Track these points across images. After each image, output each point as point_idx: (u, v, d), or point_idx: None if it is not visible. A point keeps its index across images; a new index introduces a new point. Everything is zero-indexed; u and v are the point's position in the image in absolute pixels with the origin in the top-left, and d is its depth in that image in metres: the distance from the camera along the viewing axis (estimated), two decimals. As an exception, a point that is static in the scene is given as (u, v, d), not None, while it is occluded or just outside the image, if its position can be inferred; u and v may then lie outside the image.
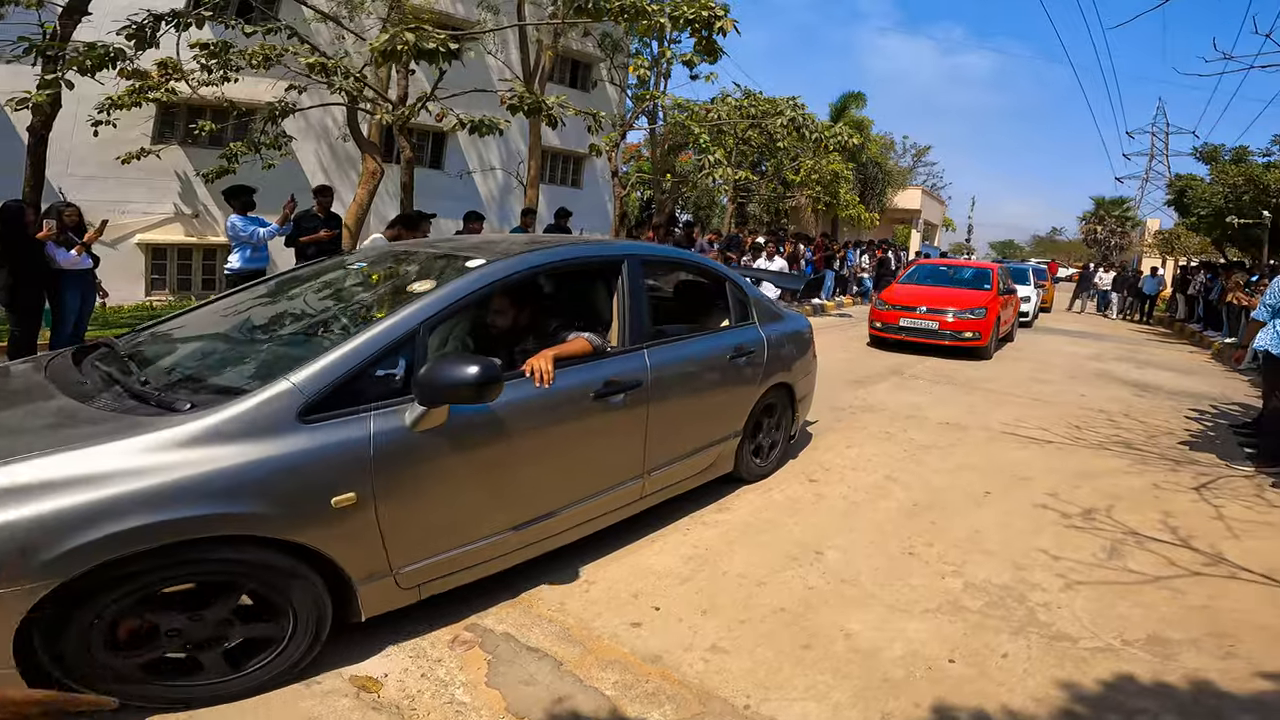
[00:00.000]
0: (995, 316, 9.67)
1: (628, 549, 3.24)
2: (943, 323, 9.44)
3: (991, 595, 2.95)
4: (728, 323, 3.98)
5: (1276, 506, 4.27)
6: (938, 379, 7.91)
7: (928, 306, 9.68)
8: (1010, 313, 11.52)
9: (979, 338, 9.35)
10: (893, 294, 10.45)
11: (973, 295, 10.09)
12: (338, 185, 14.88)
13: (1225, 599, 3.01)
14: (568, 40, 17.80)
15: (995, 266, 11.65)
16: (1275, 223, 15.29)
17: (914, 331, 9.60)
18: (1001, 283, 10.98)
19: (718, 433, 3.70)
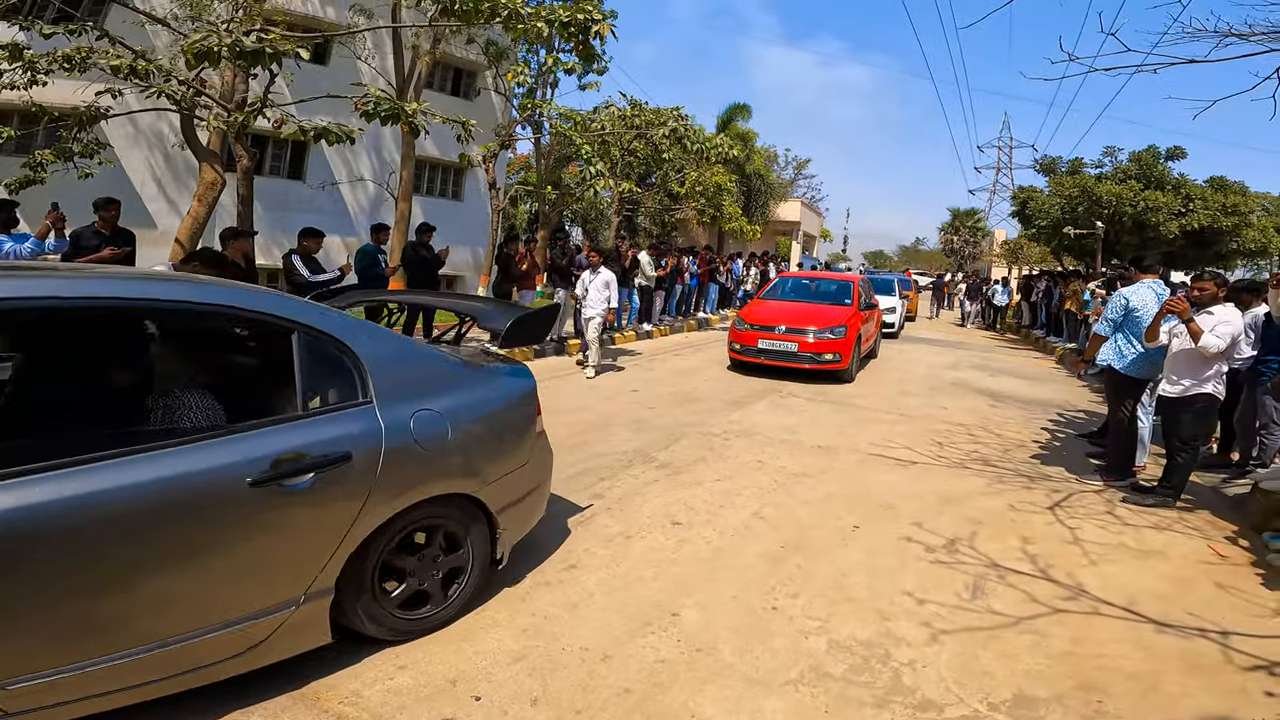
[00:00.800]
0: (856, 335, 9.01)
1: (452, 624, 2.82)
2: (802, 344, 8.70)
3: (855, 656, 2.75)
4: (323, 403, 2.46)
5: (1129, 525, 4.40)
6: (813, 396, 7.95)
7: (786, 325, 8.87)
8: (872, 328, 10.93)
9: (839, 359, 8.66)
10: (751, 312, 9.62)
11: (833, 312, 9.37)
12: (174, 197, 13.47)
13: (1089, 641, 2.95)
14: (449, 47, 17.07)
15: (857, 279, 10.99)
16: (1107, 233, 16.86)
17: (773, 354, 8.84)
18: (864, 296, 10.41)
19: (237, 606, 2.12)
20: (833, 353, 8.63)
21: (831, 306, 9.63)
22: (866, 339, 10.11)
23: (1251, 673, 2.72)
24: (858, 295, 9.94)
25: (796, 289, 10.93)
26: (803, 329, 8.76)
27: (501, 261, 9.67)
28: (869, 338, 10.46)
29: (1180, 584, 3.56)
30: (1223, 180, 16.40)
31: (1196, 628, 3.08)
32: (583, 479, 4.63)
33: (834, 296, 10.20)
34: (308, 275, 6.29)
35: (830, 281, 11.25)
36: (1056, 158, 19.90)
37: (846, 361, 8.75)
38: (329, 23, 15.08)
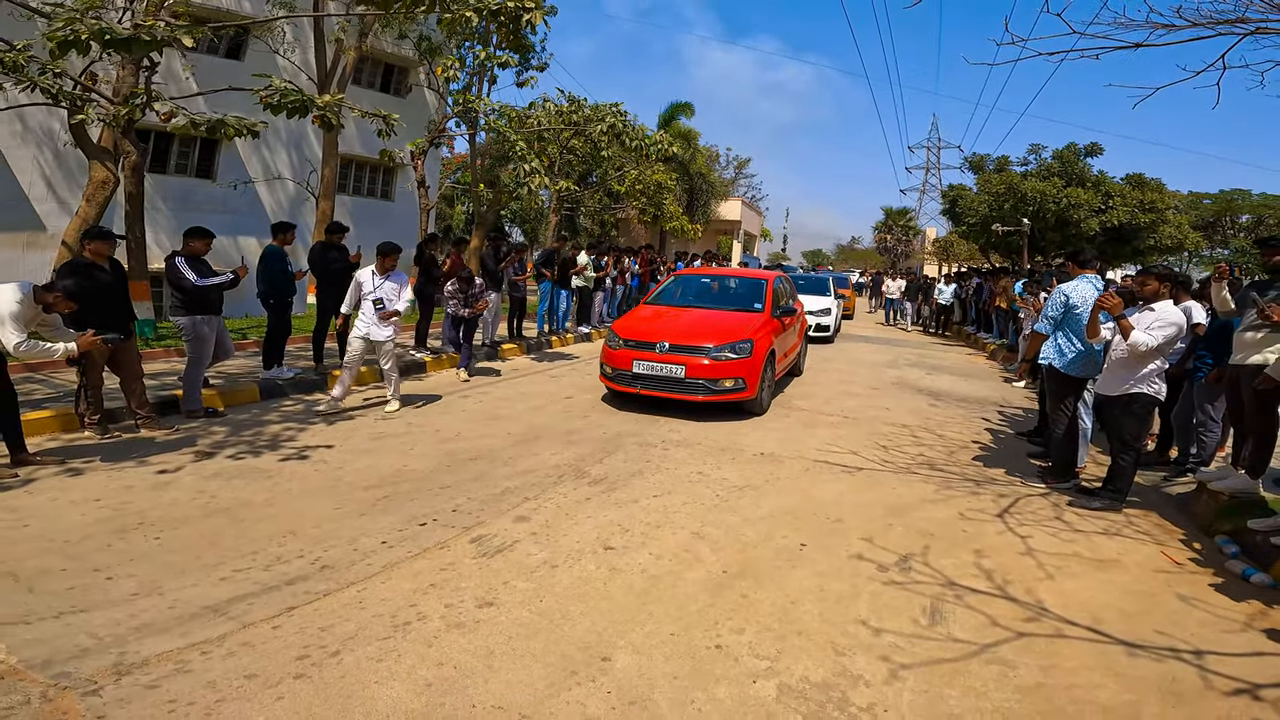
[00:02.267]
0: (767, 351, 6.87)
1: (341, 669, 2.37)
2: (692, 367, 6.46)
3: (810, 703, 2.43)
4: None
5: (1079, 531, 4.25)
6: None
7: (671, 342, 6.62)
8: (794, 338, 8.67)
9: (743, 386, 6.53)
10: (628, 324, 7.22)
11: (736, 321, 7.16)
12: (66, 198, 12.33)
13: (1059, 670, 2.71)
14: (379, 42, 16.27)
15: (771, 277, 8.56)
16: (1033, 230, 17.36)
17: (652, 381, 6.58)
18: (781, 299, 8.34)
19: None
20: (734, 378, 6.49)
21: (735, 314, 7.47)
22: (785, 354, 7.96)
23: (1234, 698, 2.53)
24: (771, 299, 7.83)
25: (693, 291, 8.56)
26: (694, 346, 6.58)
27: (422, 263, 9.07)
28: (789, 351, 8.27)
29: (1143, 598, 3.38)
30: (1140, 177, 17.09)
31: (1168, 648, 2.89)
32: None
33: (740, 301, 8.05)
34: (194, 279, 5.64)
35: (736, 281, 8.88)
36: (984, 156, 20.45)
37: (753, 389, 6.63)
38: (244, 15, 14.11)
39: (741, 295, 8.29)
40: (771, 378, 7.26)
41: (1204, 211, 32.12)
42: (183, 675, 2.30)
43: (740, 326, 7.00)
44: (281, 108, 6.91)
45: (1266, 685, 2.63)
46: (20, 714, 2.07)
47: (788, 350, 8.17)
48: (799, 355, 9.29)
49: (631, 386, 6.71)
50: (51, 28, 5.46)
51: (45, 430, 4.98)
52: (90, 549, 3.21)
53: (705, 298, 8.43)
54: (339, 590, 2.97)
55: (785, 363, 8.09)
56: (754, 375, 6.64)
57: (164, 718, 2.10)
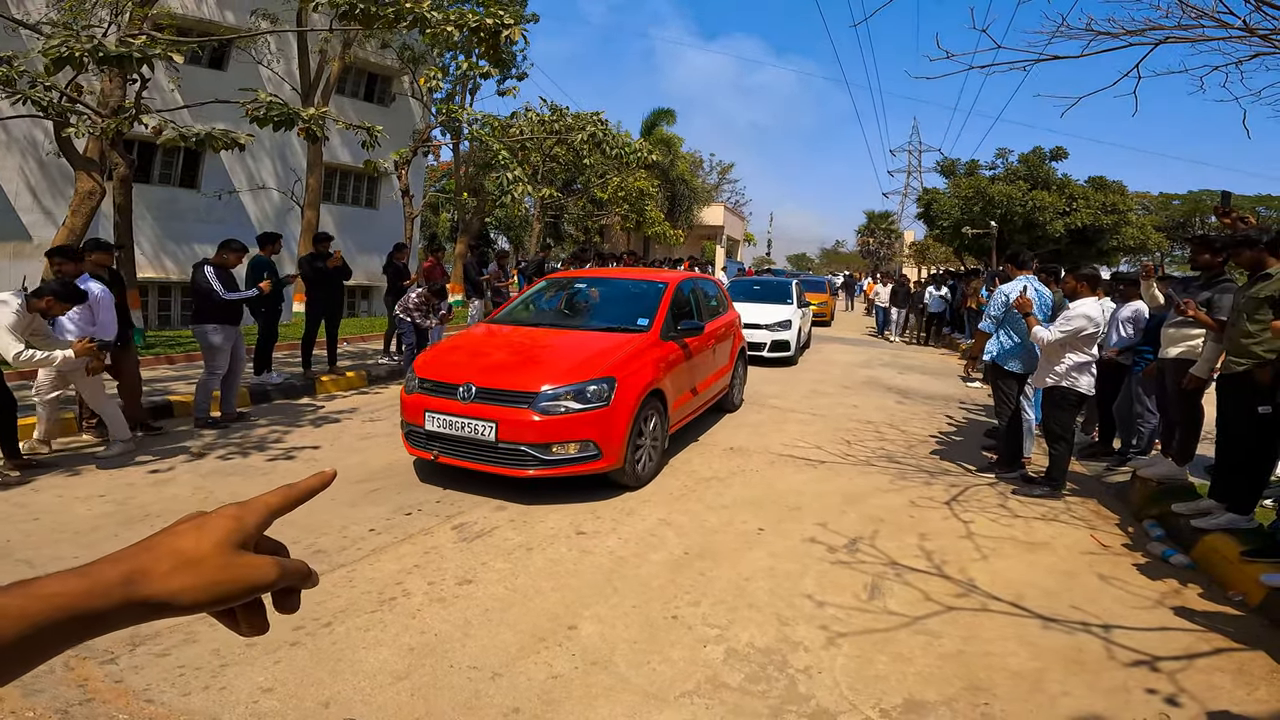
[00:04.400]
0: (643, 391, 4.67)
1: (333, 637, 2.64)
2: (508, 424, 4.26)
3: (753, 664, 2.73)
4: None
5: (1018, 517, 4.58)
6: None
7: (478, 384, 4.45)
8: (720, 363, 6.61)
9: (594, 453, 4.36)
10: (436, 354, 5.09)
11: (599, 347, 4.92)
12: (51, 207, 12.48)
13: (978, 639, 3.01)
14: (362, 52, 16.50)
15: (676, 279, 6.18)
16: (1001, 232, 17.88)
17: (452, 445, 4.45)
18: (691, 310, 6.09)
19: None
20: (579, 440, 4.31)
21: (605, 336, 5.20)
22: (694, 389, 5.79)
23: (1133, 669, 2.81)
24: (667, 312, 5.53)
25: (556, 303, 6.45)
26: (511, 391, 4.38)
27: (390, 272, 9.24)
28: (705, 383, 6.10)
29: (1065, 577, 3.69)
30: (1102, 180, 17.64)
31: (1080, 622, 3.18)
32: (487, 495, 4.47)
33: (619, 315, 5.71)
34: (222, 292, 5.82)
35: (623, 286, 6.43)
36: (955, 160, 20.98)
37: (615, 454, 4.43)
38: (227, 27, 14.31)
39: (623, 308, 5.88)
40: (663, 430, 5.04)
41: (1174, 212, 32.97)
42: (191, 644, 2.58)
43: (600, 356, 4.72)
44: (267, 121, 7.16)
45: (1165, 657, 2.89)
46: (45, 681, 2.33)
47: (701, 383, 6.00)
48: (730, 386, 7.06)
49: (427, 450, 4.50)
50: (47, 44, 5.69)
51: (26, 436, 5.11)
52: (99, 538, 3.47)
53: (572, 312, 6.22)
54: (330, 571, 3.25)
55: (696, 401, 5.91)
56: (615, 432, 4.38)
57: (175, 679, 2.37)
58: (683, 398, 5.56)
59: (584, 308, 6.33)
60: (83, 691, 2.28)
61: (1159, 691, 2.63)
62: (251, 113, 7.12)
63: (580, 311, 6.26)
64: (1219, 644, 3.00)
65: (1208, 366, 4.52)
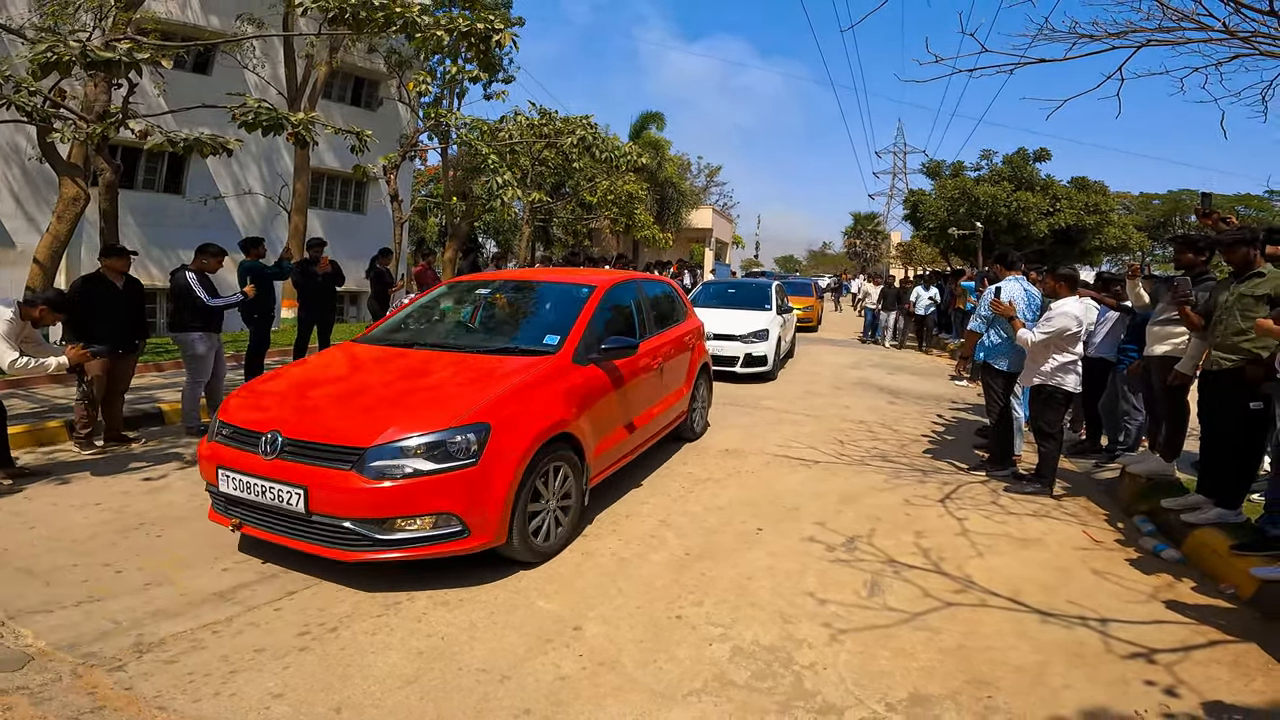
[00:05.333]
0: (538, 439, 3.45)
1: (340, 643, 2.64)
2: (322, 489, 3.06)
3: (758, 662, 2.76)
4: None
5: (1011, 514, 4.64)
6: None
7: (285, 434, 3.22)
8: (676, 385, 5.51)
9: (458, 530, 3.16)
10: (246, 392, 3.85)
11: (477, 376, 3.76)
12: (34, 214, 12.35)
13: (977, 635, 3.05)
14: (349, 56, 16.42)
15: (606, 283, 4.93)
16: (986, 233, 18.08)
17: (256, 514, 3.28)
18: (630, 324, 5.01)
19: None
20: (435, 513, 3.13)
21: (487, 362, 3.98)
22: (636, 421, 4.69)
23: (1130, 661, 2.86)
24: (585, 328, 4.31)
25: (446, 316, 5.09)
26: (327, 447, 3.16)
27: (373, 276, 9.20)
28: (650, 413, 4.95)
29: (1060, 572, 3.75)
30: (1085, 180, 17.90)
31: (1078, 616, 3.23)
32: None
33: (519, 333, 4.66)
34: (205, 299, 5.74)
35: (536, 291, 5.21)
36: (941, 161, 21.22)
37: (490, 530, 3.25)
38: (212, 31, 14.22)
39: (530, 321, 4.79)
40: (577, 486, 3.82)
41: (1154, 212, 33.48)
42: (198, 651, 2.57)
43: (470, 393, 3.47)
44: (256, 125, 7.11)
45: (1162, 650, 2.94)
46: (55, 689, 2.31)
47: (643, 414, 4.82)
48: (689, 411, 5.91)
49: (228, 517, 3.36)
50: (35, 50, 5.63)
51: (21, 445, 5.05)
52: (98, 546, 3.45)
53: (464, 328, 4.89)
54: (333, 577, 3.24)
55: (635, 438, 4.69)
56: (491, 499, 3.19)
57: (185, 686, 2.37)
58: (611, 437, 4.31)
59: (482, 321, 4.95)
60: (93, 699, 2.27)
61: (1158, 683, 2.68)
62: (240, 117, 7.08)
63: (477, 326, 4.89)
64: (1213, 636, 3.06)
65: (1192, 363, 4.61)
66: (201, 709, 2.26)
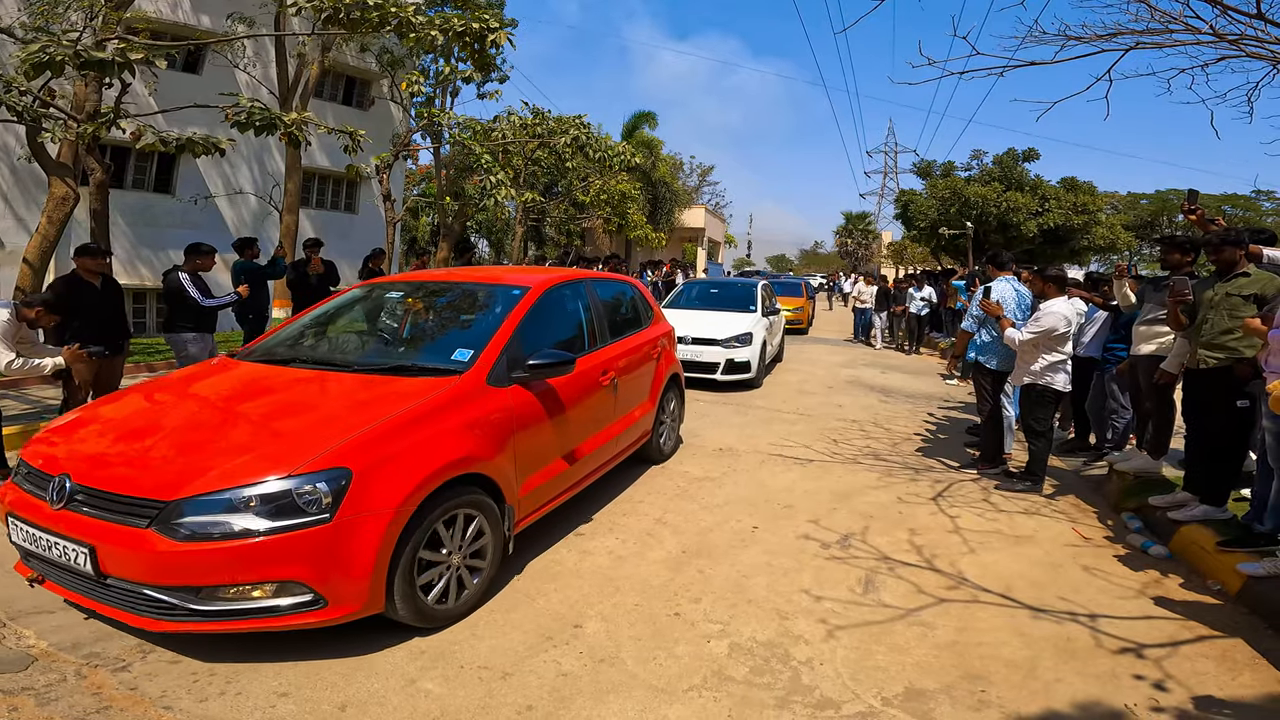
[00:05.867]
0: (417, 488, 2.69)
1: (344, 643, 2.68)
2: (112, 550, 2.43)
3: (756, 658, 2.80)
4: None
5: (1002, 511, 4.71)
6: (715, 399, 8.09)
7: (75, 478, 2.58)
8: (627, 413, 4.70)
9: (312, 602, 2.49)
10: (70, 420, 3.10)
11: (330, 409, 2.98)
12: (23, 214, 12.24)
13: (971, 630, 3.10)
14: (341, 55, 16.35)
15: (543, 281, 4.18)
16: (977, 232, 18.23)
17: (52, 569, 2.65)
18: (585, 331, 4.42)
19: None
20: (273, 581, 2.45)
21: (373, 385, 3.24)
22: (564, 461, 3.85)
23: (1120, 655, 2.92)
24: (508, 338, 3.56)
25: (354, 320, 4.44)
26: (119, 498, 2.48)
27: (365, 278, 9.18)
28: (582, 449, 4.05)
29: (1051, 569, 3.80)
30: (1074, 180, 18.07)
31: (1068, 612, 3.29)
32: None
33: (426, 347, 4.02)
34: (200, 299, 5.71)
35: (451, 294, 4.47)
36: (932, 161, 21.36)
37: (354, 599, 2.57)
38: (202, 31, 14.13)
39: (444, 332, 4.11)
40: (496, 538, 3.17)
41: (1141, 211, 33.78)
42: (202, 651, 2.59)
43: (342, 421, 2.83)
44: (249, 125, 7.11)
45: (1150, 645, 3.00)
46: (60, 690, 2.33)
47: (590, 440, 4.11)
48: (653, 430, 5.18)
49: (28, 567, 2.80)
50: (28, 50, 5.61)
51: (15, 446, 4.94)
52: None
53: (363, 340, 4.18)
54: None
55: (578, 470, 4.01)
56: (354, 563, 2.54)
57: (190, 686, 2.39)
58: (546, 471, 3.63)
59: (387, 332, 4.25)
60: (99, 699, 2.28)
61: (1147, 677, 2.74)
62: (233, 117, 7.07)
63: (378, 339, 4.16)
64: (1201, 631, 3.12)
65: (1178, 362, 4.69)
66: (208, 709, 2.28)
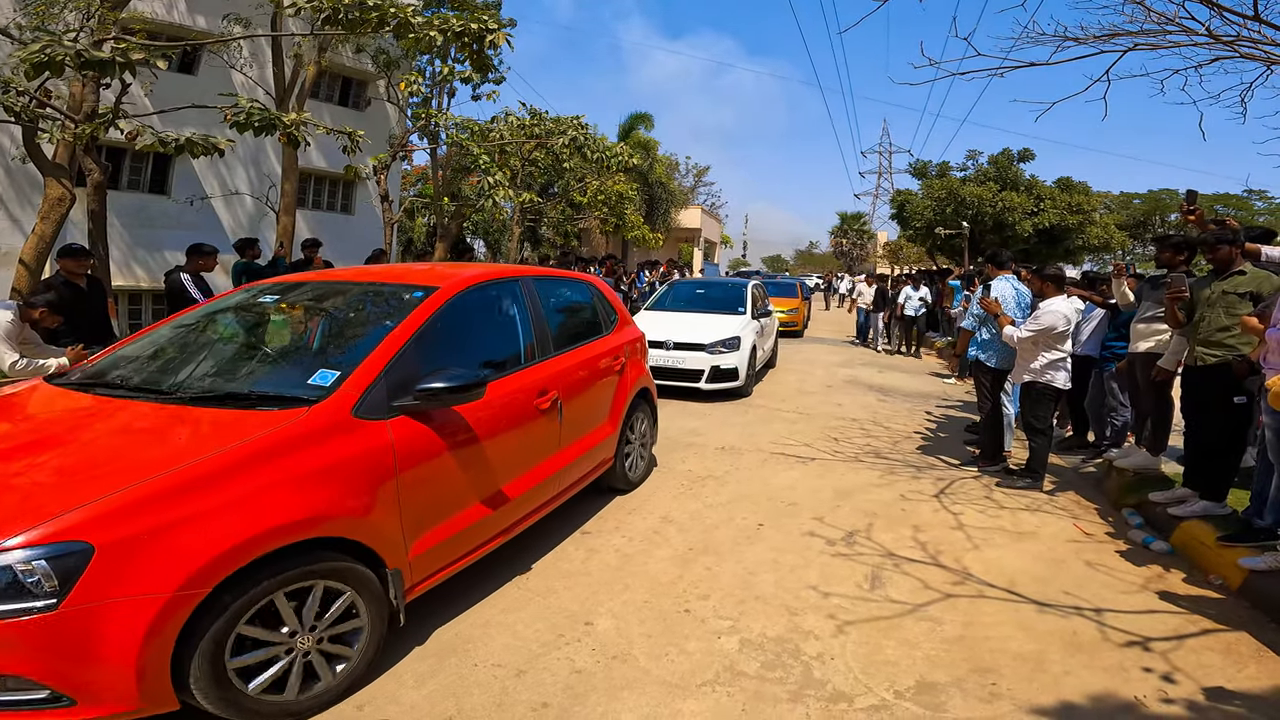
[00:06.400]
0: (208, 568, 2.03)
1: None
2: None
3: (767, 653, 2.82)
4: None
5: (1004, 508, 4.74)
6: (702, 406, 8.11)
7: None
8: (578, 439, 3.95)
9: (56, 701, 1.96)
10: None
11: (105, 461, 2.22)
12: (19, 215, 12.18)
13: (978, 624, 3.12)
14: (337, 56, 16.30)
15: (455, 282, 3.30)
16: (972, 232, 18.31)
17: None
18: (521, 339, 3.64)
19: None
20: None
21: (183, 419, 2.49)
22: (481, 509, 3.04)
23: (1127, 649, 2.94)
24: (391, 357, 2.74)
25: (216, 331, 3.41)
26: None
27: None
28: (514, 488, 3.26)
29: (1054, 564, 3.83)
30: (1068, 180, 18.16)
31: (1073, 606, 3.32)
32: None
33: (278, 370, 2.99)
34: (201, 300, 5.69)
35: (340, 298, 3.50)
36: (927, 161, 21.43)
37: (121, 699, 2.00)
38: (198, 31, 14.09)
39: (301, 348, 3.26)
40: (374, 617, 2.51)
41: (1134, 211, 34.00)
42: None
43: (97, 477, 2.11)
44: (247, 126, 7.09)
45: (1156, 638, 3.03)
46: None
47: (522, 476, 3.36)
48: (622, 454, 4.54)
49: None
50: (28, 50, 5.58)
51: None
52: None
53: (206, 361, 3.10)
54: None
55: (504, 517, 3.23)
56: (108, 656, 1.96)
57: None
58: (453, 523, 2.86)
59: (248, 348, 3.23)
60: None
61: (1154, 670, 2.77)
62: (231, 118, 7.05)
63: (231, 357, 3.12)
64: (1205, 625, 3.15)
65: (1174, 359, 4.73)
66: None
